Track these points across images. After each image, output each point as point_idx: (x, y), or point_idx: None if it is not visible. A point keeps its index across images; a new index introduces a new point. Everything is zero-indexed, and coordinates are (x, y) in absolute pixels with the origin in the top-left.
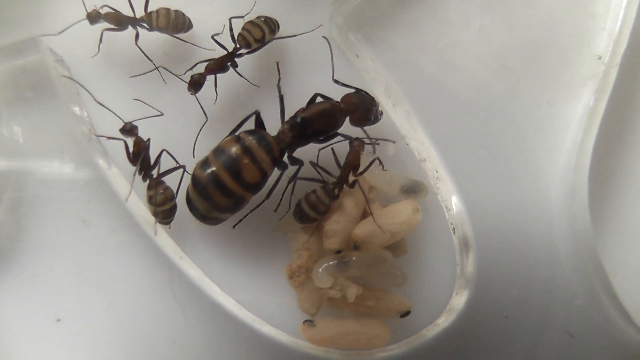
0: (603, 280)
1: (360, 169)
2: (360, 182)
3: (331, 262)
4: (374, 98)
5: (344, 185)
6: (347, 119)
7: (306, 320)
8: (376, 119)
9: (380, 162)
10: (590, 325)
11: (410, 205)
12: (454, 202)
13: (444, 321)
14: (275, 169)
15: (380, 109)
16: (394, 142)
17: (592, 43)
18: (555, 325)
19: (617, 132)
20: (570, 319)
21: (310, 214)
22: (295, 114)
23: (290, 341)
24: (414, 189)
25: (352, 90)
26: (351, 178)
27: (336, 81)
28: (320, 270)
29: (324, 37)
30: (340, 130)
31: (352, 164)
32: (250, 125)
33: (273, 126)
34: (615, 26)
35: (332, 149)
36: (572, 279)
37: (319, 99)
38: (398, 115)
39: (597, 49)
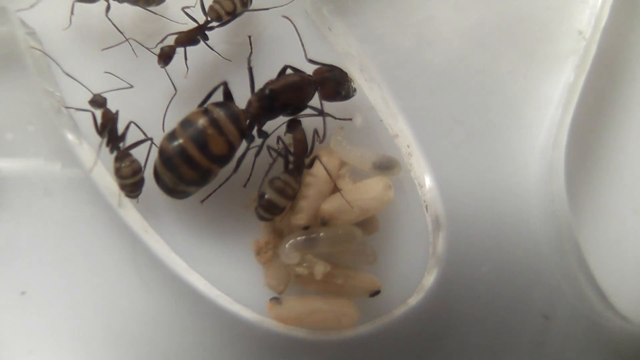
0: (580, 261)
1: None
2: (327, 157)
3: (299, 238)
4: (347, 73)
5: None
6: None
7: (273, 298)
8: (348, 95)
9: (318, 135)
10: (566, 307)
11: (381, 182)
12: (427, 180)
13: (413, 300)
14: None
15: (353, 85)
16: (350, 119)
17: (573, 18)
18: (530, 307)
19: (596, 109)
20: (546, 301)
21: (279, 201)
22: (264, 86)
23: (256, 319)
24: (386, 165)
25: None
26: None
27: (310, 60)
28: (287, 246)
29: (285, 16)
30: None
31: (302, 143)
32: (218, 98)
33: (244, 101)
34: (597, 0)
35: (279, 136)
36: (549, 260)
37: (289, 71)
38: (371, 90)
39: (579, 24)
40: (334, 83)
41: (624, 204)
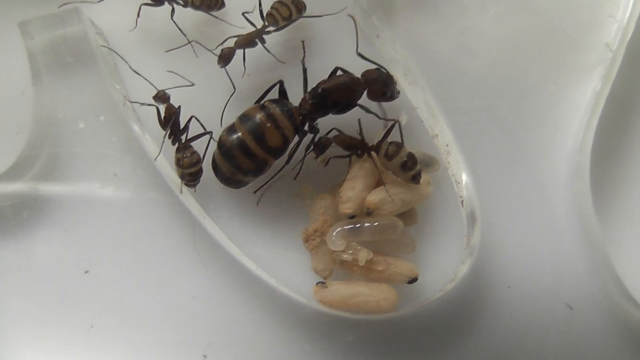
0: (603, 256)
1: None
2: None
3: (345, 227)
4: (392, 76)
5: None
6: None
7: (319, 282)
8: (392, 96)
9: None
10: (589, 298)
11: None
12: (463, 176)
13: (448, 287)
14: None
15: (397, 87)
16: (394, 120)
17: (601, 31)
18: (556, 296)
19: (620, 116)
20: (570, 292)
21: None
22: (317, 85)
23: (302, 301)
24: (426, 163)
25: (373, 67)
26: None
27: (360, 55)
28: (334, 234)
29: (350, 15)
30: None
31: (346, 139)
32: (274, 95)
33: (297, 100)
34: (623, 15)
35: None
36: (574, 254)
37: (339, 72)
38: (414, 93)
39: (607, 38)
40: (381, 84)
41: None
